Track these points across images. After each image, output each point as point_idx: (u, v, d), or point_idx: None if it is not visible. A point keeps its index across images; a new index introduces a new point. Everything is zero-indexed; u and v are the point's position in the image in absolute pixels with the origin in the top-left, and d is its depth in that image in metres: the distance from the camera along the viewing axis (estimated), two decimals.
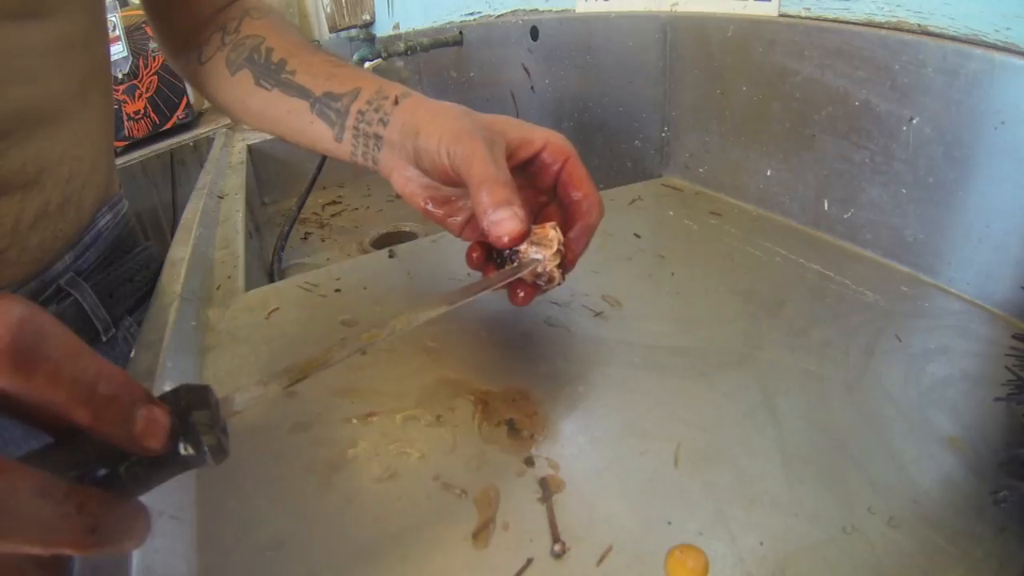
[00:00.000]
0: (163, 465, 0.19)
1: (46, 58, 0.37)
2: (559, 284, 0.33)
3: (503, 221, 0.29)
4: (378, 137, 0.37)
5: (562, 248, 0.32)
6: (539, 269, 0.32)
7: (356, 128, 0.38)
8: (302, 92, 0.40)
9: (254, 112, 0.44)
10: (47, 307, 0.40)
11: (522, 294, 0.33)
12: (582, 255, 0.34)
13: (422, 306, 0.27)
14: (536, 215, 0.37)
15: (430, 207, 0.37)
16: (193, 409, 0.19)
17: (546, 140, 0.35)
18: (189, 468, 0.19)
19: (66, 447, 0.18)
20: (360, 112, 0.38)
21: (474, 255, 0.34)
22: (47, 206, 0.38)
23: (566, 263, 0.32)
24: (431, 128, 0.34)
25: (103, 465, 0.18)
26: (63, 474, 0.17)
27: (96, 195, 0.44)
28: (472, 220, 0.37)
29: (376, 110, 0.37)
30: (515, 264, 0.32)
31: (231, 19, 0.46)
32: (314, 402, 0.33)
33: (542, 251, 0.31)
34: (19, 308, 0.16)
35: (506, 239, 0.30)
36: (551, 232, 0.32)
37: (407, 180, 0.37)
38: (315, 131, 0.40)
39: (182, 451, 0.19)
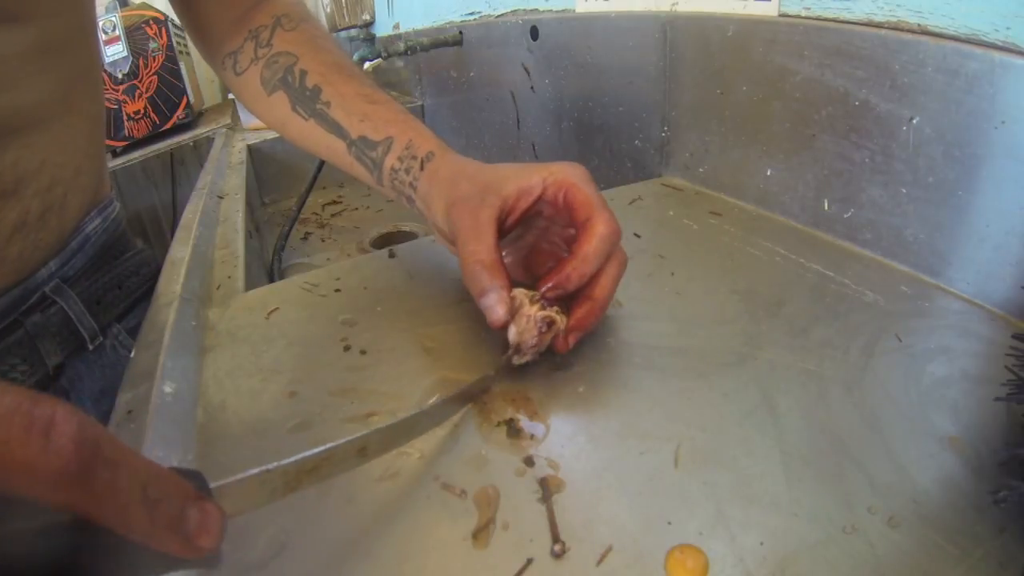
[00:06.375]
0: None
1: (25, 64, 0.35)
2: (558, 331, 0.33)
3: (487, 310, 0.32)
4: (410, 198, 0.41)
5: (529, 337, 0.32)
6: (515, 353, 0.33)
7: (392, 182, 0.41)
8: (338, 130, 0.42)
9: (293, 136, 0.46)
10: (31, 316, 0.39)
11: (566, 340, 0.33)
12: (594, 279, 0.33)
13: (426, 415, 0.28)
14: (566, 246, 0.37)
15: None
16: None
17: (543, 181, 0.35)
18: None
19: None
20: (393, 170, 0.41)
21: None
22: (26, 216, 0.37)
23: (585, 295, 0.33)
24: (438, 202, 0.37)
25: None
26: None
27: (82, 201, 0.42)
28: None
29: (407, 171, 0.40)
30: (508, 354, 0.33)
31: (263, 26, 0.46)
32: (314, 402, 0.33)
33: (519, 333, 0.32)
34: (75, 419, 0.15)
35: (494, 326, 0.32)
36: (521, 318, 0.32)
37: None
38: (357, 171, 0.43)
39: None
